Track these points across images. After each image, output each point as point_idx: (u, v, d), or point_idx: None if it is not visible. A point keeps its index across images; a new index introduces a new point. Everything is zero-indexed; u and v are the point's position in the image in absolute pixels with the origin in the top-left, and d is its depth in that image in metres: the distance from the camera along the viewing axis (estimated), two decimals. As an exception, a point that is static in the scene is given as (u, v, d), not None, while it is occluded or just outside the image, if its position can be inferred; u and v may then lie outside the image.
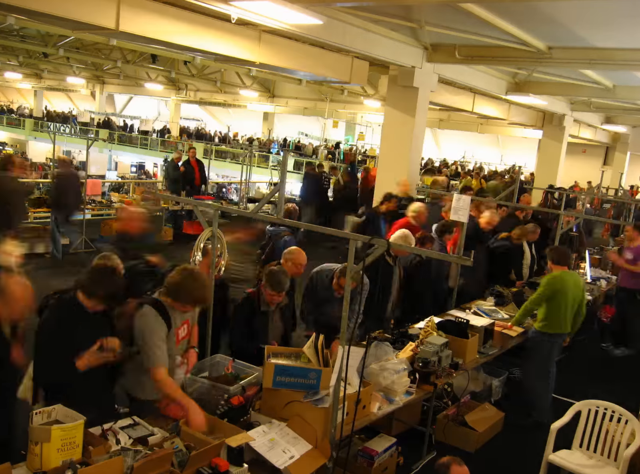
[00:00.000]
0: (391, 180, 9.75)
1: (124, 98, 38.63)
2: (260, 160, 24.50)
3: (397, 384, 4.29)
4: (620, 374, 7.37)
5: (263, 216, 4.37)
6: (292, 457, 3.28)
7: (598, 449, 4.54)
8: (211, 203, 5.66)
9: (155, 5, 6.94)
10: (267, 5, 6.05)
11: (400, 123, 9.71)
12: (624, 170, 20.55)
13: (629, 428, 4.41)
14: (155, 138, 30.21)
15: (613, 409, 4.52)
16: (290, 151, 26.28)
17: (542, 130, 16.57)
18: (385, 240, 3.47)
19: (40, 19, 8.00)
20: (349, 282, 3.46)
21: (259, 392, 3.74)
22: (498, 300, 6.77)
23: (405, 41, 8.79)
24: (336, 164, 19.84)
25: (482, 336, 5.46)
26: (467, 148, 31.32)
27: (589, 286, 8.41)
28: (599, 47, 8.07)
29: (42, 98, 37.16)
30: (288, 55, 8.85)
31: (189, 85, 25.80)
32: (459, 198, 5.30)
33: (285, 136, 32.99)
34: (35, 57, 20.20)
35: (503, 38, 7.90)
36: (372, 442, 4.43)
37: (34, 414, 2.97)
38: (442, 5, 7.05)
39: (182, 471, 2.92)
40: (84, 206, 10.58)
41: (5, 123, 34.11)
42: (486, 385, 5.87)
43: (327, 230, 4.11)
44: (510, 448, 5.32)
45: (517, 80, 11.85)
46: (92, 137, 18.75)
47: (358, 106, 21.86)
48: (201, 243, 4.27)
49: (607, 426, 4.51)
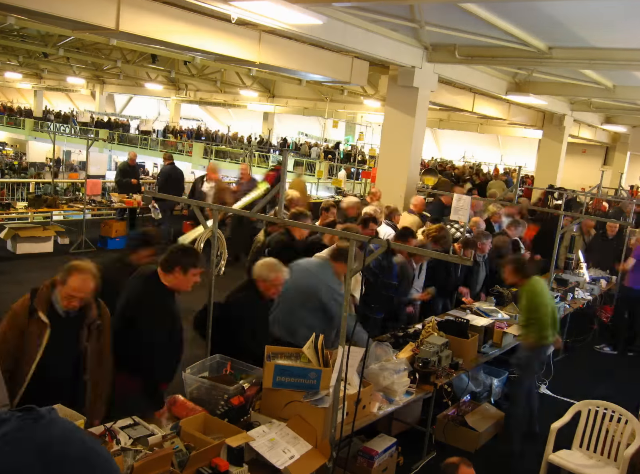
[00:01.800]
0: (391, 180, 9.76)
1: (124, 98, 38.65)
2: (260, 160, 24.52)
3: (397, 384, 4.29)
4: (620, 374, 7.37)
5: (263, 216, 4.38)
6: (292, 457, 3.28)
7: (598, 449, 4.54)
8: (211, 203, 5.67)
9: (155, 5, 6.95)
10: (267, 5, 6.04)
11: (400, 123, 9.71)
12: (624, 170, 20.54)
13: (628, 428, 4.41)
14: (155, 138, 30.22)
15: (613, 409, 4.52)
16: (290, 151, 26.29)
17: (542, 130, 16.57)
18: (385, 240, 3.47)
19: (40, 19, 8.00)
20: (349, 281, 3.46)
21: (259, 392, 3.74)
22: (498, 300, 6.77)
23: (405, 41, 8.79)
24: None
25: (482, 336, 5.46)
26: (467, 148, 31.33)
27: (589, 286, 8.42)
28: (599, 47, 8.07)
29: (42, 98, 37.17)
30: (288, 55, 8.85)
31: (189, 85, 25.83)
32: (459, 198, 5.31)
33: (285, 136, 33.00)
34: (35, 57, 20.23)
35: (503, 38, 7.90)
36: (372, 442, 4.42)
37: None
38: (442, 5, 7.05)
39: (182, 471, 2.92)
40: (84, 206, 10.60)
41: (5, 123, 34.13)
42: (486, 385, 5.87)
43: (326, 230, 4.12)
44: (510, 448, 5.32)
45: (517, 80, 11.85)
46: (92, 137, 18.74)
47: (358, 106, 21.87)
48: (201, 243, 4.26)
49: (607, 426, 4.52)
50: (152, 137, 30.49)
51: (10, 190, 13.66)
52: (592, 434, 4.56)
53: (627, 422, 4.42)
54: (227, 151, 26.31)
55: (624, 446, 4.38)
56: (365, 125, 25.50)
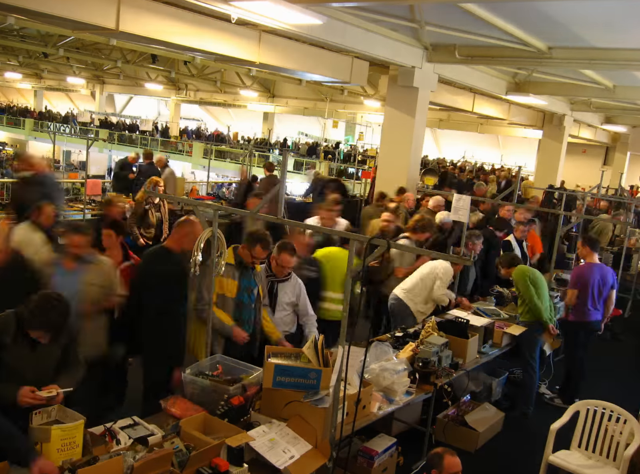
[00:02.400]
0: (391, 180, 9.76)
1: (124, 98, 38.61)
2: (260, 160, 24.52)
3: (397, 384, 4.29)
4: (620, 374, 7.37)
5: (263, 216, 4.37)
6: (292, 457, 3.28)
7: (597, 449, 4.53)
8: (211, 204, 5.67)
9: (155, 5, 6.95)
10: (267, 5, 6.04)
11: (400, 123, 9.71)
12: (624, 170, 20.55)
13: (628, 428, 4.40)
14: (155, 138, 30.20)
15: (612, 409, 4.51)
16: (290, 151, 26.28)
17: (542, 130, 16.58)
18: (385, 240, 3.46)
19: (40, 19, 8.00)
20: (348, 281, 3.46)
21: (259, 392, 3.74)
22: (498, 300, 6.77)
23: (405, 41, 8.79)
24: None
25: (482, 336, 5.46)
26: (467, 148, 31.32)
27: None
28: (599, 47, 8.07)
29: (42, 98, 37.17)
30: (288, 55, 8.85)
31: (189, 85, 25.82)
32: (459, 198, 5.31)
33: (285, 136, 32.98)
34: (35, 57, 20.22)
35: (503, 38, 7.90)
36: (372, 442, 4.42)
37: (34, 414, 2.96)
38: (442, 5, 7.05)
39: (182, 471, 2.92)
40: (84, 206, 10.58)
41: (5, 123, 34.12)
42: (486, 385, 5.87)
43: (326, 230, 4.12)
44: (510, 448, 5.33)
45: (517, 80, 11.85)
46: (92, 137, 18.75)
47: (358, 106, 21.87)
48: (201, 243, 4.26)
49: (606, 426, 4.51)
50: (152, 137, 30.48)
51: (9, 190, 13.62)
52: (591, 434, 4.55)
53: (626, 422, 4.41)
54: (227, 151, 26.32)
55: (623, 446, 4.38)
56: (365, 125, 25.51)
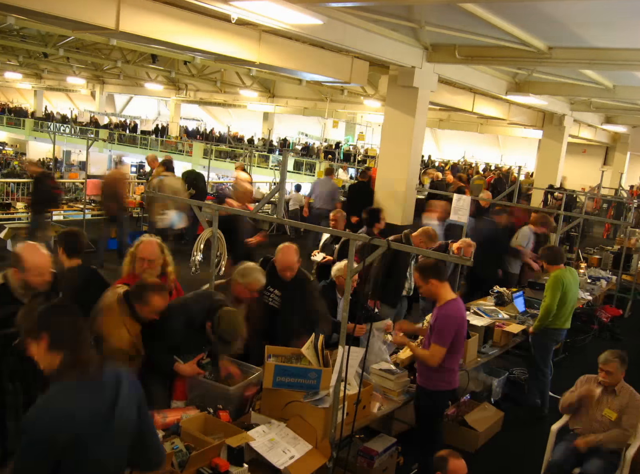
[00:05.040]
0: (391, 180, 9.75)
1: (124, 98, 38.65)
2: (260, 160, 24.52)
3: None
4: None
5: (263, 216, 4.38)
6: (292, 457, 3.28)
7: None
8: (211, 204, 5.67)
9: (155, 5, 6.94)
10: (267, 5, 6.04)
11: (400, 123, 9.70)
12: (624, 170, 20.55)
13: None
14: (155, 138, 30.22)
15: (613, 409, 4.50)
16: (290, 151, 26.29)
17: (542, 130, 16.56)
18: (385, 240, 3.46)
19: (40, 19, 7.99)
20: (348, 281, 3.46)
21: (259, 392, 3.74)
22: (498, 300, 6.77)
23: (405, 41, 8.79)
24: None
25: (482, 336, 5.46)
26: (467, 148, 31.33)
27: (589, 286, 8.43)
28: (599, 47, 8.06)
29: (42, 98, 37.19)
30: (288, 55, 8.84)
31: (189, 85, 25.81)
32: (459, 198, 5.31)
33: (285, 136, 32.99)
34: (35, 57, 20.20)
35: (503, 38, 7.90)
36: (372, 442, 4.42)
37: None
38: (442, 5, 7.04)
39: (182, 471, 2.92)
40: (84, 206, 10.60)
41: (5, 123, 34.13)
42: (486, 385, 5.87)
43: (326, 230, 4.11)
44: (510, 448, 5.33)
45: (517, 80, 11.85)
46: (92, 137, 18.74)
47: (358, 106, 21.84)
48: (201, 243, 4.26)
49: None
50: (152, 137, 30.50)
51: (10, 190, 13.64)
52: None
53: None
54: (227, 151, 26.33)
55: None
56: (365, 125, 25.50)
